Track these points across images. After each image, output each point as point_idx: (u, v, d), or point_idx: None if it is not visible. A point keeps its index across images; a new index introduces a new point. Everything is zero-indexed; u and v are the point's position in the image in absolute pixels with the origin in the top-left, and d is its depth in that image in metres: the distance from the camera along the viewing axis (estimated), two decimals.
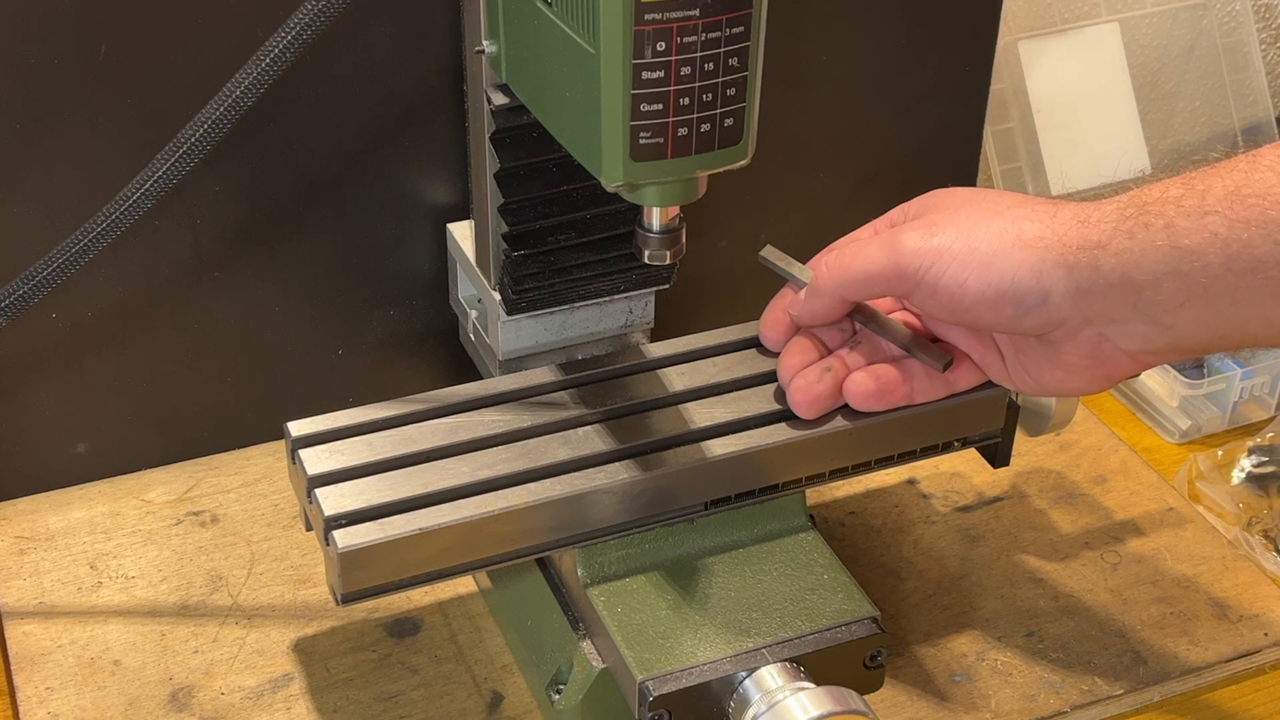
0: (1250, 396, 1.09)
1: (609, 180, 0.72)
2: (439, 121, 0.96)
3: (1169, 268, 0.69)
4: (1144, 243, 0.70)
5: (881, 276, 0.77)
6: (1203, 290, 0.69)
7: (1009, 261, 0.73)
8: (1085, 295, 0.72)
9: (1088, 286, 0.72)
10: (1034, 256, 0.73)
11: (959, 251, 0.74)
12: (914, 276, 0.76)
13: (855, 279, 0.79)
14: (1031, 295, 0.73)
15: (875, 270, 0.77)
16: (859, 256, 0.78)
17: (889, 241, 0.77)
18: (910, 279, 0.76)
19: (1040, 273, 0.73)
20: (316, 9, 0.74)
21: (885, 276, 0.77)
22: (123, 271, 0.94)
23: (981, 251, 0.74)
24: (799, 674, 0.77)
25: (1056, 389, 0.79)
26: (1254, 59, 1.28)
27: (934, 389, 0.82)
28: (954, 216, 0.76)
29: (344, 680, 0.87)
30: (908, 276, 0.76)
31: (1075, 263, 0.72)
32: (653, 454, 0.81)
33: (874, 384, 0.81)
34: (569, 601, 0.84)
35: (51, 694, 0.86)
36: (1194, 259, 0.69)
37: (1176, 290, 0.70)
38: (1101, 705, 0.87)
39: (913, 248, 0.76)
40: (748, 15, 0.68)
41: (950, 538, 0.98)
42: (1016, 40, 1.20)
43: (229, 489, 1.01)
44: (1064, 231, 0.73)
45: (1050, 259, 0.73)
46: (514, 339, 0.89)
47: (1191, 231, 0.69)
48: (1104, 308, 0.72)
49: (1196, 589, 0.95)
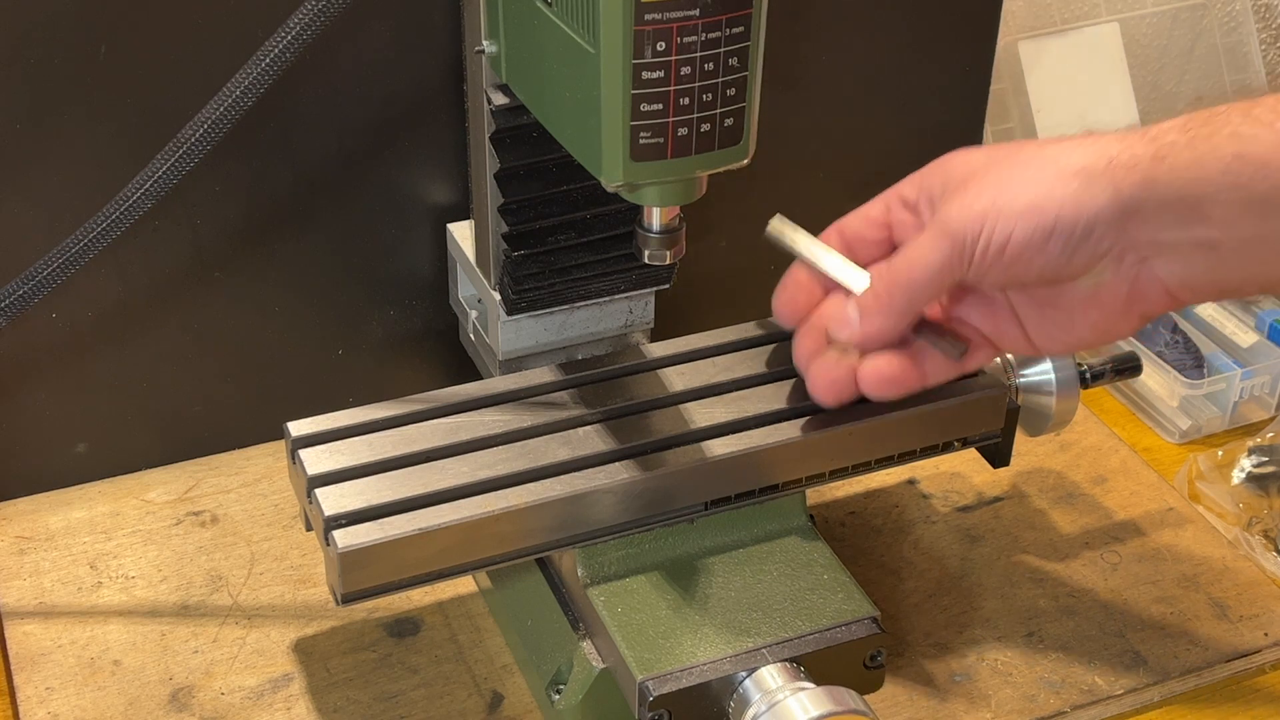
0: (1250, 396, 1.09)
1: (609, 180, 0.72)
2: (439, 121, 0.96)
3: (1230, 180, 0.67)
4: (1206, 153, 0.68)
5: (945, 268, 0.75)
6: (1260, 205, 0.67)
7: (1051, 200, 0.72)
8: (1133, 217, 0.71)
9: (1137, 206, 0.70)
10: (1077, 186, 0.71)
11: (1003, 206, 0.73)
12: (970, 251, 0.74)
13: (920, 285, 0.76)
14: (1077, 228, 0.71)
15: (937, 265, 0.75)
16: (916, 262, 0.76)
17: (935, 231, 0.75)
18: (967, 255, 0.74)
19: (1082, 203, 0.71)
20: (316, 9, 0.74)
21: (948, 266, 0.75)
22: (123, 271, 0.94)
23: (1024, 198, 0.72)
24: (799, 674, 0.77)
25: (1086, 339, 0.77)
26: (1254, 59, 1.28)
27: (946, 371, 0.81)
28: (985, 176, 0.74)
29: (344, 680, 0.87)
30: (965, 254, 0.74)
31: (1125, 182, 0.70)
32: (653, 454, 0.81)
33: (888, 369, 0.79)
34: (569, 601, 0.84)
35: (51, 694, 0.86)
36: (1258, 169, 0.67)
37: (1234, 205, 0.68)
38: (1101, 705, 0.87)
39: (960, 224, 0.74)
40: (748, 15, 0.68)
41: (950, 538, 0.98)
42: (1016, 40, 1.20)
43: (229, 489, 1.01)
44: (1114, 153, 0.71)
45: (1096, 186, 0.71)
46: (514, 339, 0.90)
47: (1259, 140, 0.67)
48: (1153, 230, 0.71)
49: (1196, 589, 0.95)
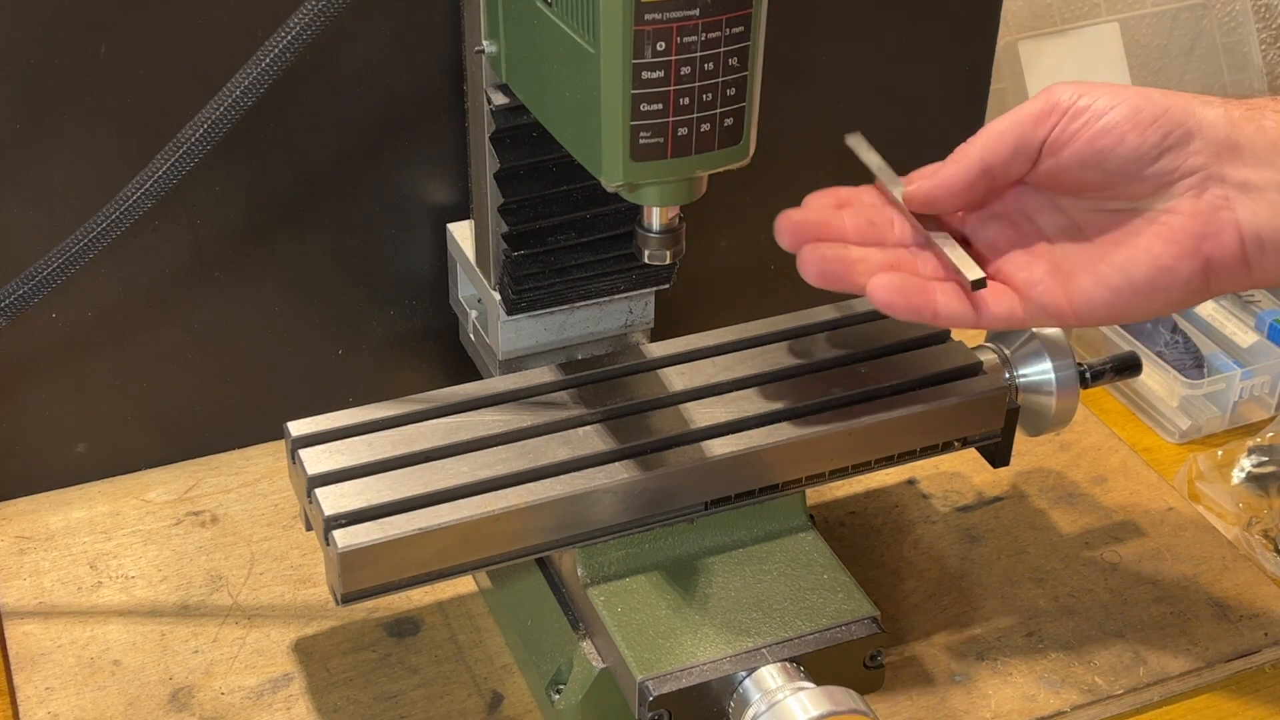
0: (1250, 396, 1.09)
1: (609, 180, 0.72)
2: (439, 121, 0.96)
3: None
4: None
5: (1030, 119, 0.74)
6: None
7: (1165, 97, 0.73)
8: (1233, 152, 0.71)
9: (1239, 144, 0.71)
10: (1193, 100, 0.73)
11: (1113, 89, 0.74)
12: (1064, 107, 0.73)
13: (1001, 132, 0.75)
14: (1179, 128, 0.72)
15: (1026, 114, 0.74)
16: (1005, 116, 0.76)
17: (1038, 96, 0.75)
18: (1060, 110, 0.73)
19: (1192, 108, 0.72)
20: (316, 9, 0.74)
21: (1034, 118, 0.74)
22: (123, 271, 0.94)
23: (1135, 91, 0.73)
24: (799, 674, 0.77)
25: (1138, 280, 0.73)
26: (1254, 59, 1.28)
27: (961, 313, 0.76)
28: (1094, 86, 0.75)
29: (344, 680, 0.87)
30: (1058, 108, 0.74)
31: (1237, 112, 0.72)
32: (653, 454, 0.81)
33: (899, 280, 0.75)
34: (569, 601, 0.84)
35: (51, 694, 0.86)
36: None
37: None
38: (1101, 705, 0.87)
39: (1065, 87, 0.74)
40: (748, 15, 0.68)
41: (950, 538, 0.98)
42: (1016, 40, 1.20)
43: (229, 489, 1.01)
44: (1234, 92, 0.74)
45: (1209, 108, 0.72)
46: (514, 339, 0.90)
47: None
48: (1250, 172, 0.71)
49: (1196, 589, 0.95)
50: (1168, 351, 1.11)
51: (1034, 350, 0.89)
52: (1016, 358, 0.89)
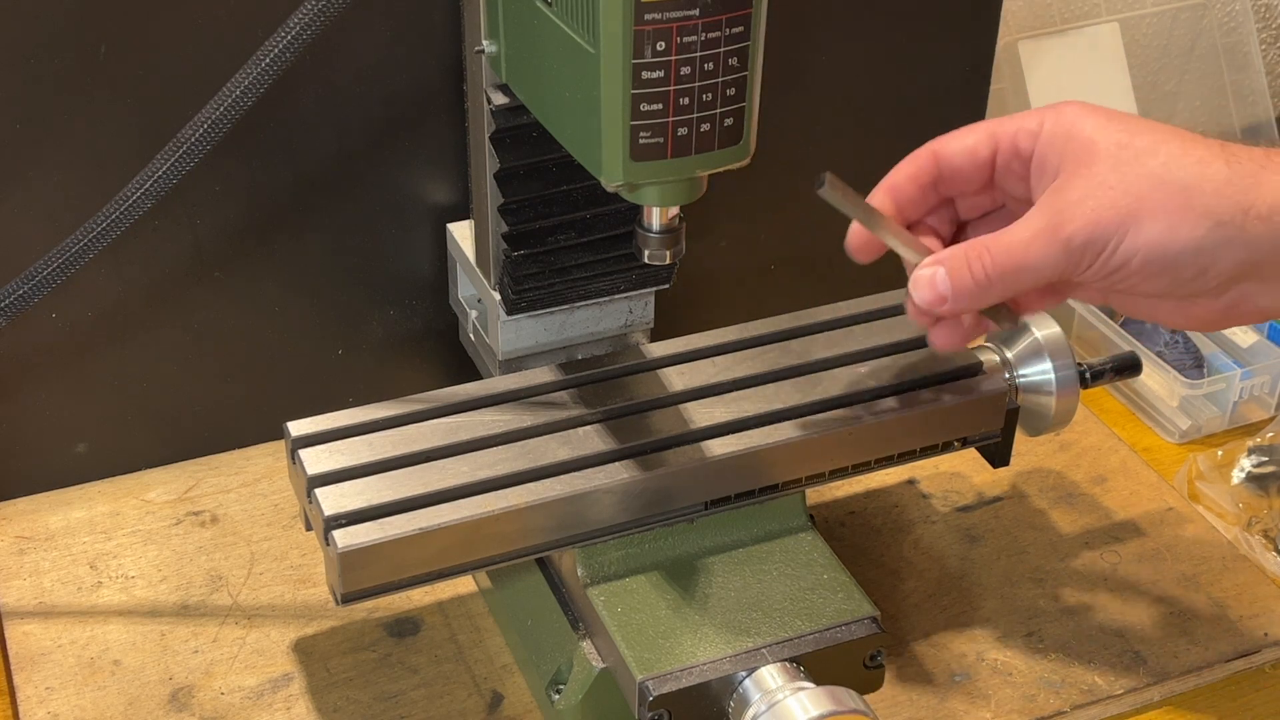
0: (1250, 396, 1.09)
1: (609, 180, 0.72)
2: (439, 121, 0.96)
3: None
4: None
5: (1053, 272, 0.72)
6: None
7: (1177, 240, 0.69)
8: (1253, 267, 0.70)
9: (1259, 260, 0.69)
10: (1206, 232, 0.69)
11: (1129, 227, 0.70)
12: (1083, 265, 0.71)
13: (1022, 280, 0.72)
14: (1196, 270, 0.70)
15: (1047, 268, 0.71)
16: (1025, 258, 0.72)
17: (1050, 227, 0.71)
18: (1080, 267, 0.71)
19: (1206, 250, 0.69)
20: (316, 9, 0.74)
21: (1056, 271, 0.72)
22: (123, 271, 0.94)
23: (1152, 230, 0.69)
24: (799, 674, 0.77)
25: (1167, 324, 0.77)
26: (1254, 59, 1.28)
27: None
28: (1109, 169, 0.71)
29: (344, 680, 0.87)
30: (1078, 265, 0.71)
31: (1258, 236, 0.69)
32: (653, 454, 0.81)
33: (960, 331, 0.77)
34: (569, 601, 0.84)
35: (51, 694, 0.86)
36: None
37: None
38: (1101, 705, 0.87)
39: (1081, 234, 0.70)
40: (748, 15, 0.68)
41: (950, 538, 0.98)
42: (1016, 40, 1.20)
43: (229, 489, 1.01)
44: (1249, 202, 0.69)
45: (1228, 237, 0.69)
46: (514, 339, 0.90)
47: None
48: (1270, 273, 0.70)
49: (1196, 589, 0.95)
50: (1168, 351, 1.11)
51: (1034, 350, 0.89)
52: (1016, 358, 0.89)
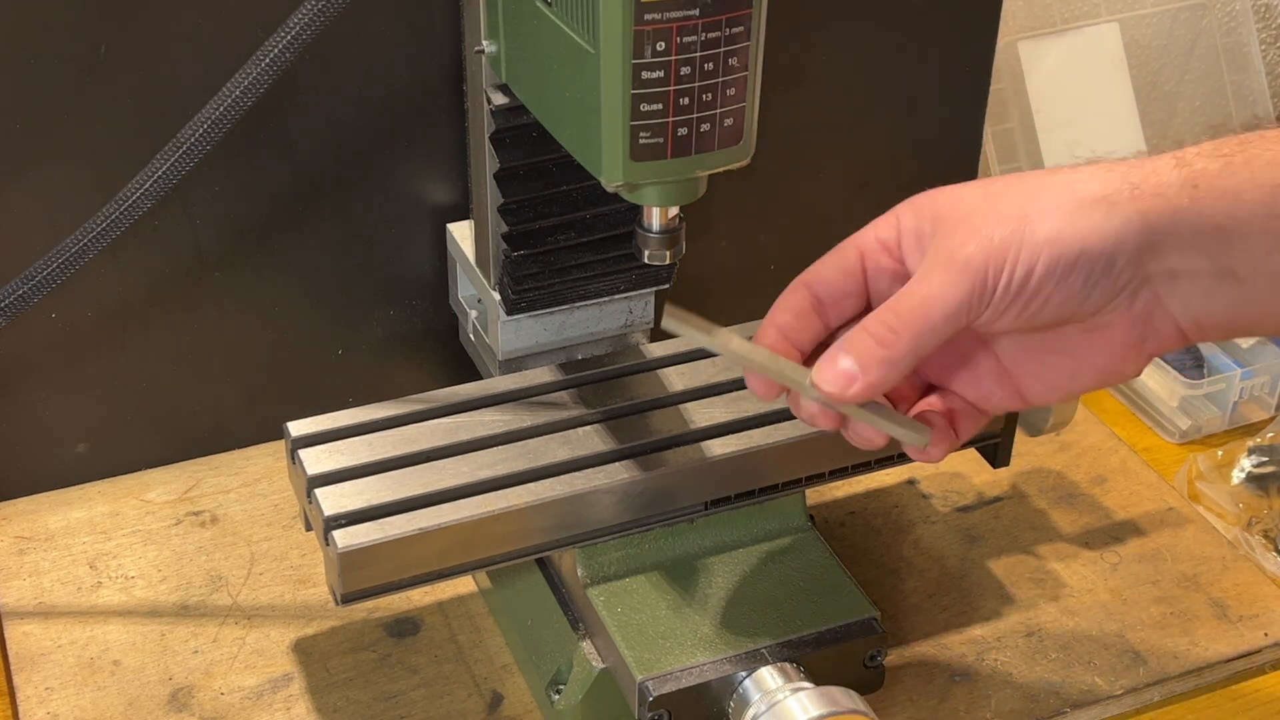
0: (1250, 396, 1.09)
1: (609, 180, 0.72)
2: (439, 121, 0.96)
3: (1269, 210, 0.65)
4: (1244, 180, 0.65)
5: (964, 306, 0.68)
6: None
7: (1074, 229, 0.67)
8: (1157, 247, 0.67)
9: (1164, 235, 0.67)
10: (1100, 215, 0.67)
11: (1025, 236, 0.67)
12: (992, 287, 0.68)
13: (934, 328, 0.68)
14: (1101, 259, 0.67)
15: (956, 303, 0.68)
16: (931, 301, 0.68)
17: (948, 266, 0.68)
18: (989, 292, 0.68)
19: (1106, 232, 0.67)
20: (316, 9, 0.74)
21: (966, 304, 0.68)
22: (123, 271, 0.94)
23: (1046, 228, 0.67)
24: (799, 674, 0.77)
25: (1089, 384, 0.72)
26: (1254, 59, 1.28)
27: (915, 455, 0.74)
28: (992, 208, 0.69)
29: (344, 680, 0.87)
30: (987, 290, 0.68)
31: (1152, 209, 0.66)
32: (653, 454, 0.81)
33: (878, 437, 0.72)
34: (569, 601, 0.84)
35: (51, 694, 0.86)
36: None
37: (1270, 236, 0.65)
38: (1101, 705, 0.87)
39: (980, 257, 0.67)
40: (747, 15, 0.68)
41: (950, 538, 0.98)
42: (1016, 40, 1.20)
43: (229, 489, 1.01)
44: (1136, 180, 0.67)
45: (1121, 214, 0.67)
46: (514, 339, 0.90)
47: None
48: (1176, 260, 0.67)
49: (1196, 589, 0.94)
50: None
51: None
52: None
